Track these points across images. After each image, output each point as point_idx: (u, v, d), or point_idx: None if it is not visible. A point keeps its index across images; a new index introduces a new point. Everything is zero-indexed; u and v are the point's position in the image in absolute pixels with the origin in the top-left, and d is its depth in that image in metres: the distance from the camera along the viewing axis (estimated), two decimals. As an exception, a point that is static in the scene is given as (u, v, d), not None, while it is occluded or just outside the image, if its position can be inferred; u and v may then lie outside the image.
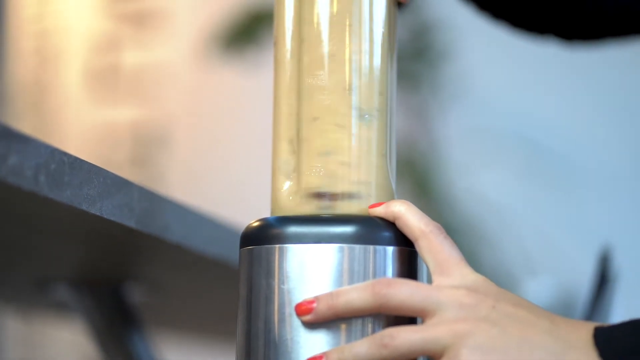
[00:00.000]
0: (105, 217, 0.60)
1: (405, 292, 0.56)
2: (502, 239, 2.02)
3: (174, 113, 2.32)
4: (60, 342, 2.24)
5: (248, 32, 2.04)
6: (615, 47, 0.85)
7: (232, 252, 0.76)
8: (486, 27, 2.15)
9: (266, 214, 0.62)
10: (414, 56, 2.09)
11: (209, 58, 2.19)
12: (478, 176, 2.07)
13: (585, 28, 0.84)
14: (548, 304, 1.84)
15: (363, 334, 0.57)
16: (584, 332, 0.55)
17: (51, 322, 1.91)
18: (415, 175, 2.07)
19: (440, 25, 2.10)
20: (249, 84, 2.16)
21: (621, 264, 1.08)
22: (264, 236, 0.59)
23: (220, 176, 2.27)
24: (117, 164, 2.23)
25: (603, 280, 1.01)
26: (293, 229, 0.59)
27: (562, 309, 1.78)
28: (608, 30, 0.83)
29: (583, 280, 1.25)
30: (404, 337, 0.55)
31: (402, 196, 0.64)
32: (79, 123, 2.34)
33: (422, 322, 0.57)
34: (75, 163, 0.57)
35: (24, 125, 2.25)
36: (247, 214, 0.67)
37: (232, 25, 2.07)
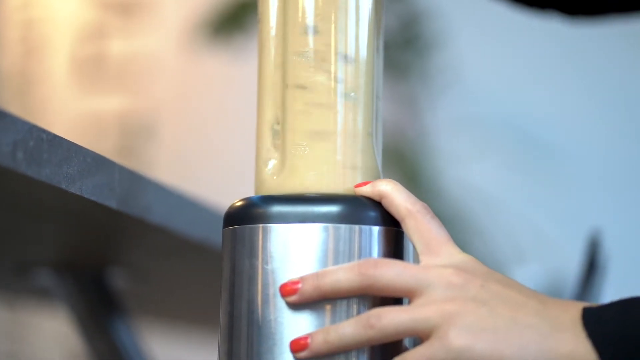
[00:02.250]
0: (85, 196, 0.58)
1: (392, 272, 0.55)
2: (491, 228, 2.01)
3: (162, 102, 2.31)
4: (46, 334, 2.23)
5: (235, 20, 2.02)
6: (619, 23, 0.84)
7: (217, 235, 0.75)
8: (476, 15, 2.13)
9: (255, 200, 0.61)
10: (403, 45, 2.08)
11: (196, 46, 2.17)
12: (467, 166, 2.07)
13: (588, 3, 0.82)
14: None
15: (348, 315, 0.56)
16: (573, 312, 0.54)
17: (36, 311, 1.90)
18: (404, 165, 2.06)
19: (430, 14, 2.09)
20: (237, 71, 2.15)
21: (611, 251, 1.07)
22: (248, 216, 0.58)
23: (208, 164, 2.26)
24: (104, 153, 2.21)
25: (592, 266, 1.00)
26: (277, 208, 0.58)
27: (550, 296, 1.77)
28: (612, 6, 0.82)
29: (571, 268, 1.25)
30: (391, 317, 0.54)
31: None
32: (66, 113, 2.33)
33: (409, 302, 0.56)
34: (55, 140, 0.56)
35: (10, 115, 2.23)
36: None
37: (219, 13, 2.06)
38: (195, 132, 2.31)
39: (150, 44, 2.30)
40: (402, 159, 2.06)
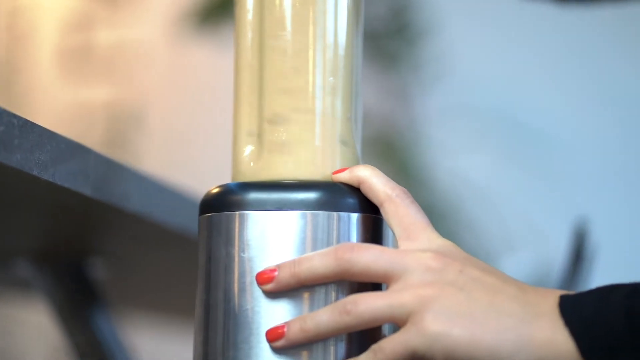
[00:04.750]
0: (58, 183, 0.57)
1: (369, 257, 0.54)
2: (481, 218, 2.01)
3: (149, 92, 2.30)
4: (27, 326, 2.21)
5: (222, 8, 2.01)
6: (609, 6, 0.83)
7: (196, 223, 0.74)
8: (468, 3, 2.11)
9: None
10: (393, 34, 2.07)
11: (183, 35, 2.16)
12: (458, 156, 2.06)
13: None
14: (526, 282, 1.83)
15: (326, 303, 0.55)
16: (551, 299, 0.53)
17: (17, 303, 1.89)
18: (394, 155, 2.05)
19: (420, 2, 2.08)
20: (224, 61, 2.13)
21: (600, 241, 1.06)
22: (224, 203, 0.57)
23: (196, 153, 2.25)
24: (91, 144, 2.20)
25: (578, 255, 1.00)
26: (254, 195, 0.57)
27: (539, 286, 1.77)
28: None
29: (561, 258, 1.24)
30: (367, 303, 0.53)
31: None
32: (52, 103, 2.31)
33: (387, 287, 0.55)
34: (26, 126, 0.54)
35: (-4, 105, 2.21)
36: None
37: (206, 2, 2.04)
38: (183, 121, 2.30)
39: (137, 33, 2.29)
40: (392, 150, 2.06)
